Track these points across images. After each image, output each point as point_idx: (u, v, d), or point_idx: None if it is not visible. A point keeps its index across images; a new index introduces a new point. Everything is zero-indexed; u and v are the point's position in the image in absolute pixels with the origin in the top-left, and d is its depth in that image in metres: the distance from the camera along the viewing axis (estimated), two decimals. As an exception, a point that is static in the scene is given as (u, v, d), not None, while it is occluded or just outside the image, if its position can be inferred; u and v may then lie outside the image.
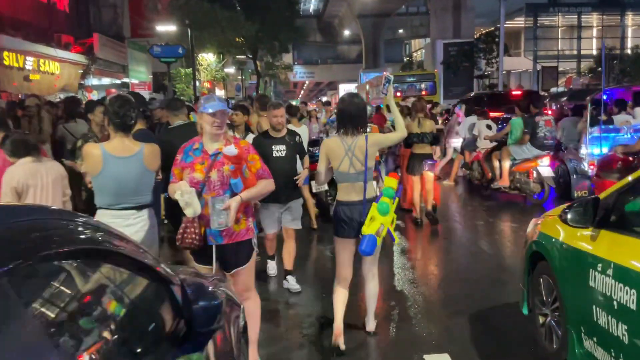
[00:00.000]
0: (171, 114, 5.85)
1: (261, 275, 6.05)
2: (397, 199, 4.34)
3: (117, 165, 3.85)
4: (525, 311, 4.44)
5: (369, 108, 10.74)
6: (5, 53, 14.24)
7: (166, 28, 21.67)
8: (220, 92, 34.24)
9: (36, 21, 18.83)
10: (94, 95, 24.51)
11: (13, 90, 15.64)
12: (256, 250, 3.94)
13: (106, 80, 25.18)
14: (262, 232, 5.71)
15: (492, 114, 12.97)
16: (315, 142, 9.68)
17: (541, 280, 4.11)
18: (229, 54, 28.57)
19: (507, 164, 10.10)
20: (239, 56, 35.15)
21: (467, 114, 12.68)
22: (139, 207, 3.96)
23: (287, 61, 44.88)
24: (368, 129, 4.97)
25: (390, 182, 4.31)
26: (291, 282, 5.90)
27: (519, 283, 4.59)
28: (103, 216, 3.89)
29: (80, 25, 22.19)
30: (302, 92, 72.66)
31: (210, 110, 3.65)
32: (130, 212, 3.92)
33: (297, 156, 5.93)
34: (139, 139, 4.16)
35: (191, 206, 3.52)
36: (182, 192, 3.50)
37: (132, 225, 3.91)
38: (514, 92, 17.73)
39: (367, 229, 4.16)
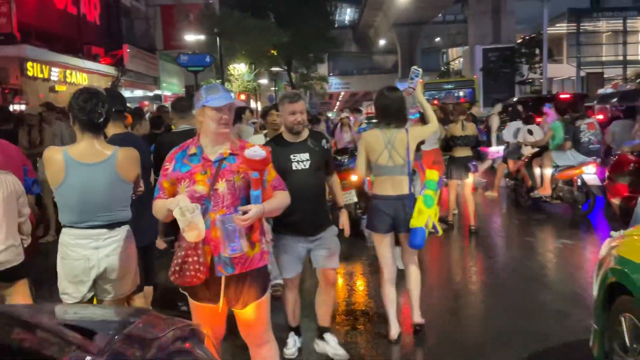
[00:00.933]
0: (176, 115, 5.07)
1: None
2: (439, 191, 4.39)
3: (82, 173, 3.11)
4: (599, 357, 3.50)
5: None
6: (29, 63, 13.93)
7: (195, 38, 21.26)
8: (253, 104, 33.88)
9: (65, 33, 18.66)
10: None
11: (39, 101, 15.35)
12: (276, 280, 3.09)
13: (139, 93, 24.97)
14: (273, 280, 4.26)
15: (538, 120, 11.96)
16: (343, 151, 8.91)
17: (622, 319, 3.18)
18: (261, 65, 28.02)
19: (548, 171, 9.19)
20: (274, 68, 34.76)
21: (512, 118, 11.78)
22: (111, 226, 3.19)
23: (322, 72, 44.35)
24: (410, 124, 4.99)
25: (432, 174, 4.35)
26: (332, 345, 4.21)
27: (590, 320, 3.67)
28: (66, 236, 3.15)
29: (111, 37, 22.01)
30: (337, 103, 72.05)
31: (215, 104, 2.84)
32: (100, 232, 3.16)
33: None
34: (115, 143, 3.42)
35: (196, 228, 2.69)
36: (182, 210, 2.66)
37: (103, 248, 3.16)
38: (562, 96, 16.58)
39: (417, 222, 4.20)
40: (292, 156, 3.96)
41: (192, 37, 21.01)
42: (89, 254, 3.14)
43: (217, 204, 2.84)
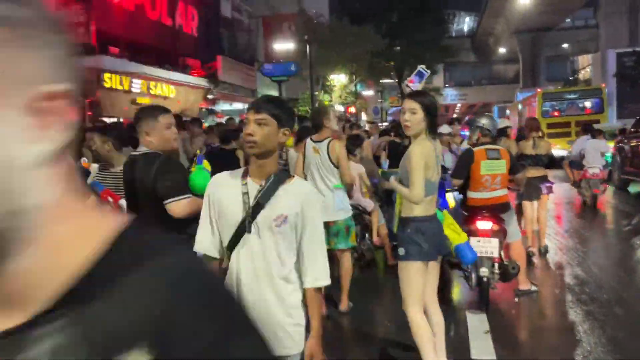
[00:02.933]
0: None
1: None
2: None
3: None
4: None
5: (506, 122, 8.73)
6: (107, 75, 13.50)
7: (286, 47, 20.30)
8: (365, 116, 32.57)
9: (159, 44, 18.47)
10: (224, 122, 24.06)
11: (122, 114, 15.00)
12: None
13: (238, 106, 24.55)
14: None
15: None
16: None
17: None
18: (361, 75, 26.58)
19: None
20: (384, 80, 33.31)
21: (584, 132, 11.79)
22: None
23: (437, 84, 42.19)
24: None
25: None
26: None
27: None
28: None
29: (209, 49, 21.70)
30: (453, 115, 68.93)
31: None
32: None
33: None
34: None
35: None
36: None
37: None
38: None
39: (460, 237, 4.06)
40: None
41: (284, 47, 20.07)
42: None
43: None
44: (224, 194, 2.41)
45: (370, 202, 6.50)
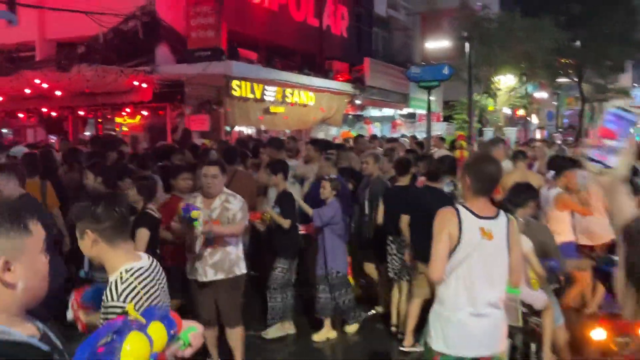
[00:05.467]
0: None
1: None
2: None
3: None
4: None
5: None
6: (235, 82, 12.20)
7: (439, 45, 17.67)
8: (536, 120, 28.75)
9: (303, 47, 17.06)
10: (376, 128, 22.01)
11: (254, 124, 13.69)
12: None
13: (388, 112, 22.48)
14: None
15: None
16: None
17: None
18: (536, 76, 22.89)
19: None
20: (560, 79, 29.02)
21: None
22: None
23: (624, 83, 36.33)
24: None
25: None
26: None
27: None
28: None
29: (359, 51, 19.89)
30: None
31: None
32: None
33: None
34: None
35: None
36: None
37: None
38: None
39: None
40: None
41: (439, 45, 17.52)
42: None
43: None
44: None
45: (540, 295, 4.05)
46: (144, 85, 12.25)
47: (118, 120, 14.28)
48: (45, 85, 11.16)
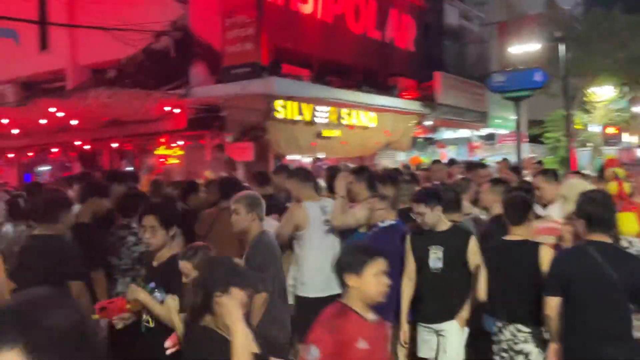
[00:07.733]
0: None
1: None
2: None
3: None
4: None
5: None
6: (278, 103, 10.32)
7: (524, 49, 15.07)
8: (630, 139, 25.18)
9: (364, 63, 15.05)
10: (449, 152, 19.58)
11: (306, 152, 11.71)
12: None
13: (465, 133, 19.98)
14: None
15: None
16: None
17: None
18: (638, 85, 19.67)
19: None
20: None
21: None
22: None
23: None
24: None
25: None
26: None
27: None
28: None
29: (429, 66, 17.64)
30: None
31: None
32: None
33: None
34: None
35: None
36: None
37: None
38: None
39: None
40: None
41: (523, 49, 14.96)
42: None
43: None
44: None
45: None
46: (177, 110, 10.65)
47: (159, 152, 12.74)
48: (60, 114, 9.73)
